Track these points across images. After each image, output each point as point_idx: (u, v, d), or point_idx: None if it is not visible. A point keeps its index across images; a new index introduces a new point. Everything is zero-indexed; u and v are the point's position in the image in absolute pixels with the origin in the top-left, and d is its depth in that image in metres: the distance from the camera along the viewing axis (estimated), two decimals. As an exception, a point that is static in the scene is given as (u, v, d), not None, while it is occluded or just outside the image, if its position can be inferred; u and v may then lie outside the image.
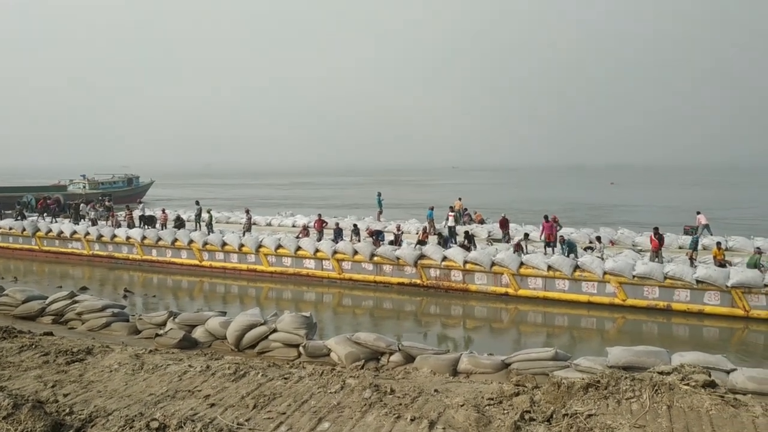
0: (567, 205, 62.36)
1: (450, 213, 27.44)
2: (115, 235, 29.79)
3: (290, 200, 73.60)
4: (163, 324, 13.61)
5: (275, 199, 76.35)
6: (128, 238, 29.28)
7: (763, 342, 17.42)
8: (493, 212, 36.68)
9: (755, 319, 18.41)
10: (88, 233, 30.53)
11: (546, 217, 24.15)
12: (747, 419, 6.20)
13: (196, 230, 29.42)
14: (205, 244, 27.32)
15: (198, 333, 13.13)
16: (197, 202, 32.07)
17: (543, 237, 23.87)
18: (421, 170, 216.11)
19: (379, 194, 35.80)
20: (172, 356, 9.84)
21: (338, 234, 26.09)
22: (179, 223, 30.02)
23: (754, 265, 19.20)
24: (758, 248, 21.27)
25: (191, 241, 27.68)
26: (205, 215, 29.92)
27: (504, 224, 27.73)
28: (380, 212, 34.41)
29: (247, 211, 30.88)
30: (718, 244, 20.78)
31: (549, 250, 22.98)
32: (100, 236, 30.12)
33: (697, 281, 19.07)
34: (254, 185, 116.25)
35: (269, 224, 34.52)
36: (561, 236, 23.14)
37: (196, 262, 27.62)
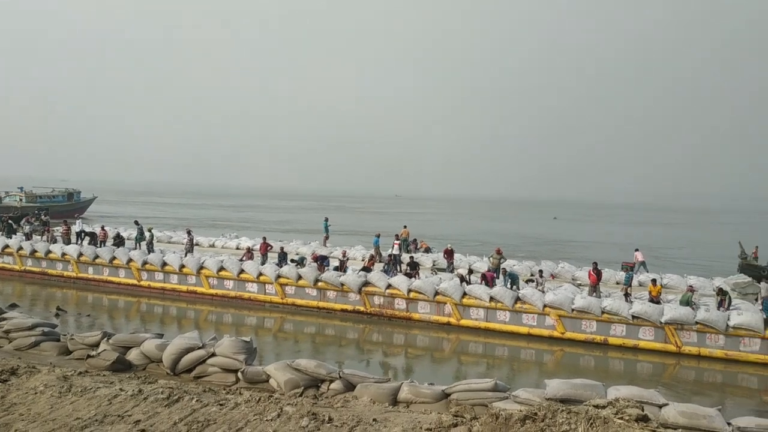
0: (511, 237, 63.48)
1: (396, 241, 27.54)
2: (49, 251, 28.74)
3: (244, 222, 72.60)
4: (96, 345, 13.13)
5: (227, 221, 75.09)
6: (64, 254, 28.29)
7: (694, 377, 17.93)
8: (440, 242, 36.97)
9: (686, 355, 18.99)
10: (21, 248, 29.35)
11: (483, 276, 24.02)
12: (677, 454, 6.35)
13: (136, 249, 28.65)
14: (145, 263, 26.61)
15: (133, 355, 12.72)
16: (136, 222, 31.28)
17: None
18: (364, 197, 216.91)
19: (326, 219, 35.68)
20: (102, 379, 9.48)
21: (282, 258, 25.79)
22: (118, 241, 29.18)
23: (687, 302, 19.86)
24: (691, 286, 22.09)
25: (130, 260, 26.92)
26: (146, 234, 29.19)
27: (449, 254, 27.96)
28: (326, 237, 34.26)
29: (189, 232, 30.28)
30: (654, 281, 21.42)
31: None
32: (34, 251, 29.00)
33: (633, 316, 19.59)
34: (204, 206, 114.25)
35: (212, 245, 33.85)
36: (504, 268, 23.46)
37: (135, 281, 26.84)
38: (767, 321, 18.55)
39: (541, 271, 23.82)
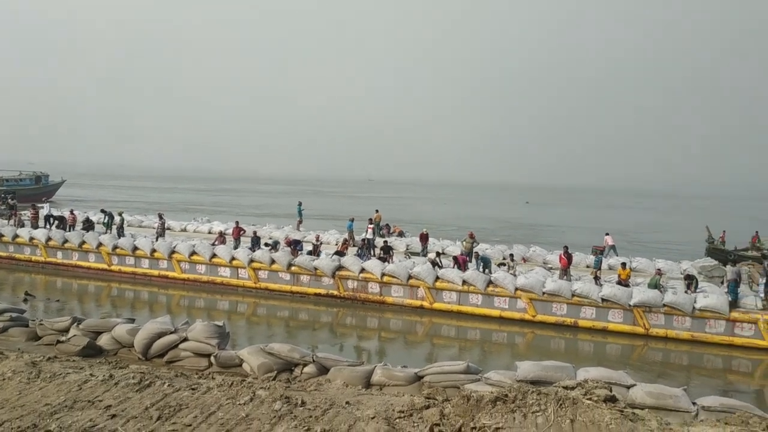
0: (485, 221, 63.89)
1: (369, 225, 27.56)
2: (17, 235, 28.21)
3: (218, 207, 71.92)
4: (66, 330, 12.94)
5: (200, 204, 74.33)
6: (32, 239, 27.79)
7: (661, 359, 18.32)
8: (415, 226, 37.11)
9: (654, 336, 19.39)
10: (-14, 232, 28.76)
11: (455, 257, 24.24)
12: (643, 432, 6.50)
13: (106, 233, 28.25)
14: (115, 247, 26.27)
15: (103, 340, 12.58)
16: (103, 211, 30.81)
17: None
18: (337, 182, 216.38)
19: (300, 204, 35.54)
20: (72, 364, 9.37)
21: (256, 242, 25.64)
22: (88, 225, 28.72)
23: (655, 285, 20.24)
24: (659, 269, 22.48)
25: (100, 244, 26.56)
26: (116, 218, 28.79)
27: (423, 238, 28.07)
28: (300, 222, 34.15)
29: (161, 216, 29.92)
30: (623, 264, 21.77)
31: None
32: (1, 236, 28.44)
33: (603, 299, 19.92)
34: (175, 190, 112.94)
35: (184, 230, 33.47)
36: (476, 252, 23.61)
37: (105, 266, 26.49)
38: (732, 303, 19.01)
39: (512, 255, 24.03)
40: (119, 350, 12.33)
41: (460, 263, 22.45)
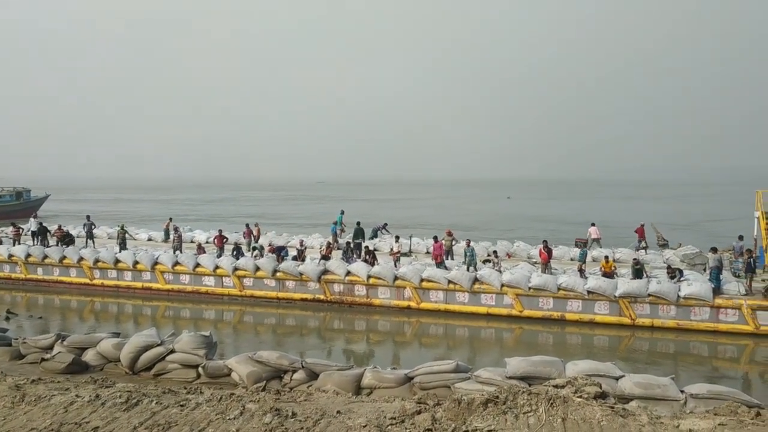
0: (471, 217, 64.11)
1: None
2: (-5, 253, 27.80)
3: (211, 217, 71.49)
4: (51, 347, 12.79)
5: (186, 214, 73.82)
6: (11, 256, 27.39)
7: (648, 348, 18.45)
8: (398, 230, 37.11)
9: (640, 326, 19.53)
10: (-37, 251, 28.27)
11: (435, 238, 24.52)
12: (635, 428, 6.52)
13: (86, 247, 27.91)
14: (97, 261, 25.96)
15: (89, 356, 12.44)
16: (88, 217, 30.45)
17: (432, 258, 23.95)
18: (288, 185, 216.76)
19: (342, 212, 33.52)
20: (57, 386, 9.21)
21: (238, 250, 25.47)
22: (68, 240, 28.34)
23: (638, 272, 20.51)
24: (636, 259, 22.31)
25: (81, 259, 26.24)
26: (117, 231, 28.45)
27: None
28: (342, 230, 31.94)
29: (176, 229, 29.25)
30: (606, 258, 21.88)
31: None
32: (-22, 254, 27.99)
33: (588, 292, 20.03)
34: (164, 201, 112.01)
35: (165, 240, 33.17)
36: (468, 240, 23.80)
37: (87, 280, 26.19)
38: (715, 290, 19.21)
39: (495, 252, 24.12)
40: (105, 365, 12.20)
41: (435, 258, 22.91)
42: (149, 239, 33.37)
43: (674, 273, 20.49)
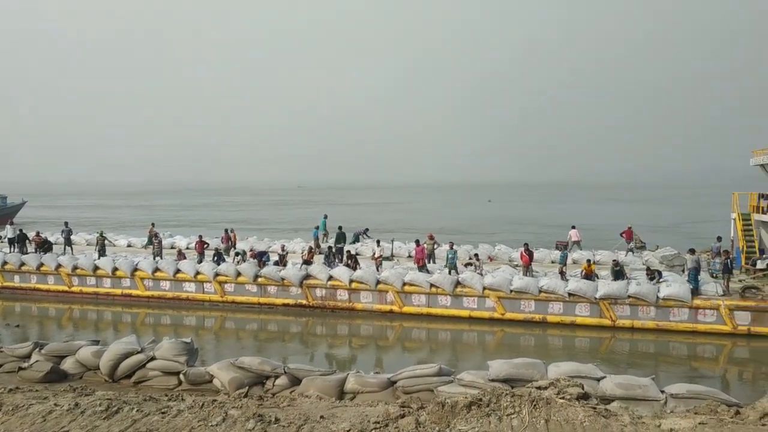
0: (453, 221, 64.31)
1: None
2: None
3: (197, 222, 70.88)
4: (28, 356, 12.57)
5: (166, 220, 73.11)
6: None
7: (629, 349, 18.63)
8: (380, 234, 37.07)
9: (621, 328, 19.71)
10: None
11: (417, 242, 24.54)
12: (617, 428, 6.57)
13: (64, 254, 27.55)
14: (75, 268, 25.63)
15: (68, 364, 12.26)
16: (66, 224, 30.07)
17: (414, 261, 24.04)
18: (269, 190, 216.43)
19: (325, 216, 33.32)
20: (35, 394, 9.06)
21: (219, 255, 25.30)
22: (47, 247, 27.94)
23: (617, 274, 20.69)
24: (615, 260, 22.44)
25: (59, 266, 25.89)
26: (97, 237, 28.11)
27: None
28: (325, 234, 31.55)
29: (156, 235, 28.99)
30: (588, 261, 22.03)
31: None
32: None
33: (569, 294, 20.17)
34: (145, 207, 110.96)
35: (145, 246, 32.84)
36: (451, 242, 23.89)
37: (65, 287, 25.84)
38: (694, 291, 19.44)
39: (477, 255, 24.19)
40: (84, 373, 12.03)
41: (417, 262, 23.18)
42: (129, 245, 32.96)
43: (653, 274, 20.72)
